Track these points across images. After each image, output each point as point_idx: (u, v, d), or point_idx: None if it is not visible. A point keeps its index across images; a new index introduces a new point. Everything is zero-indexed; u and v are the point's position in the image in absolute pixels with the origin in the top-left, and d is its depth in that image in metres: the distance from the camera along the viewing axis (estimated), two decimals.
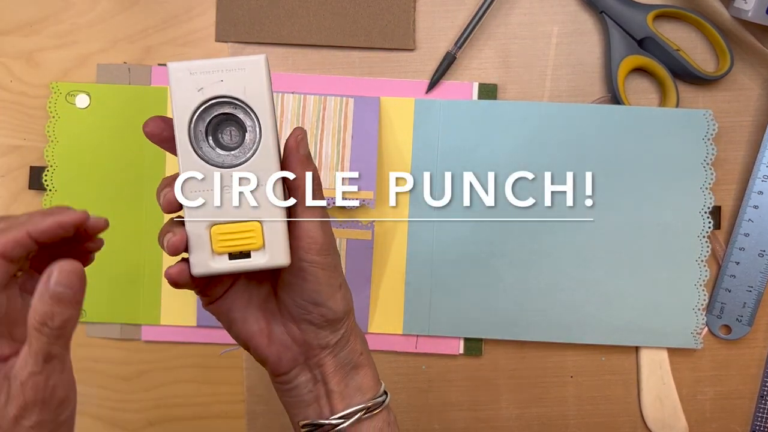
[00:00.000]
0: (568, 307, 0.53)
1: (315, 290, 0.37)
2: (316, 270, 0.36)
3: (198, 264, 0.35)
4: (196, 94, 0.35)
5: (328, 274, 0.37)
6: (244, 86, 0.35)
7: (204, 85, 0.35)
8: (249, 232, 0.35)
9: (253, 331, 0.39)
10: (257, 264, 0.35)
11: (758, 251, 0.53)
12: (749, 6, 0.50)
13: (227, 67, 0.35)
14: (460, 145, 0.53)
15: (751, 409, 0.55)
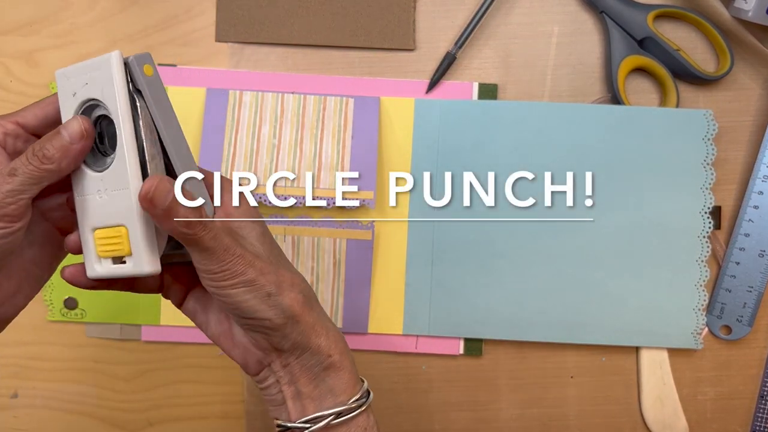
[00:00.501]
0: (568, 307, 0.53)
1: (235, 307, 0.35)
2: (228, 291, 0.35)
3: (89, 267, 0.35)
4: (72, 99, 0.34)
5: (247, 289, 0.35)
6: (101, 87, 0.33)
7: (76, 89, 0.34)
8: (116, 237, 0.34)
9: (217, 333, 0.38)
10: (127, 271, 0.34)
11: (758, 251, 0.53)
12: (749, 6, 0.50)
13: (91, 68, 0.34)
14: (460, 145, 0.53)
15: (751, 410, 0.55)
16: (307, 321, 0.37)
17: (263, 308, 0.35)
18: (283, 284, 0.36)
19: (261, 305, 0.35)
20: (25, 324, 0.54)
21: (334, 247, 0.52)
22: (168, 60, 0.54)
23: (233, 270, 0.34)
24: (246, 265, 0.35)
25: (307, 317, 0.37)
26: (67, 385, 0.54)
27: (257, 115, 0.52)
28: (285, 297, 0.36)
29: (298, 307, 0.36)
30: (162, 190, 0.32)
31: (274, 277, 0.36)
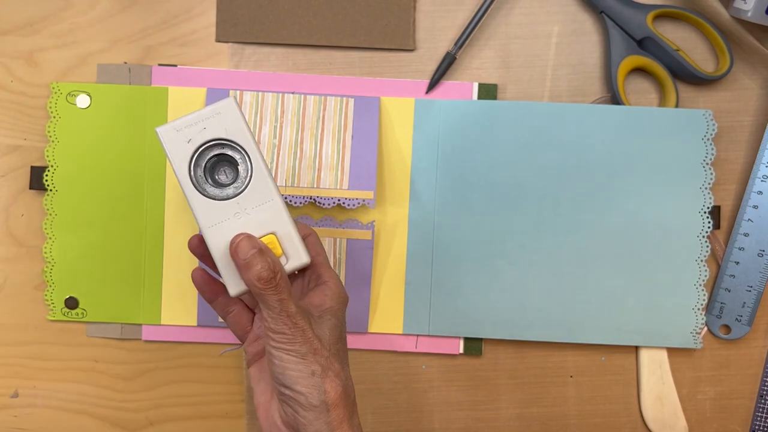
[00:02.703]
0: (568, 307, 0.53)
1: (280, 372, 0.38)
2: (281, 354, 0.38)
3: (232, 285, 0.39)
4: (186, 146, 0.39)
5: (297, 360, 0.37)
6: (225, 127, 0.39)
7: (191, 137, 0.39)
8: (269, 245, 0.39)
9: (259, 402, 0.41)
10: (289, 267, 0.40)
11: (758, 251, 0.53)
12: (749, 6, 0.50)
13: (205, 116, 0.39)
14: (460, 145, 0.53)
15: (750, 409, 0.55)
16: (338, 414, 0.38)
17: (304, 383, 0.37)
18: (329, 371, 0.38)
19: (303, 379, 0.37)
20: (26, 324, 0.54)
21: (334, 246, 0.53)
22: (168, 60, 0.54)
23: (291, 338, 0.38)
24: (304, 339, 0.38)
25: (339, 410, 0.38)
26: (68, 384, 0.55)
27: (257, 115, 0.52)
28: (327, 382, 0.38)
29: (335, 396, 0.38)
30: (245, 246, 0.38)
31: (325, 361, 0.38)
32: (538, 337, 0.53)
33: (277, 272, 0.37)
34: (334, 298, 0.42)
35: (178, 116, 0.53)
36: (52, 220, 0.53)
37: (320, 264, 0.43)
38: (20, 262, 0.54)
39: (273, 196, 0.39)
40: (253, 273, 0.37)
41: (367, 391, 0.54)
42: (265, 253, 0.38)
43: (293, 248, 0.39)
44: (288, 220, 0.39)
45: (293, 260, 0.39)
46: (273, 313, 0.37)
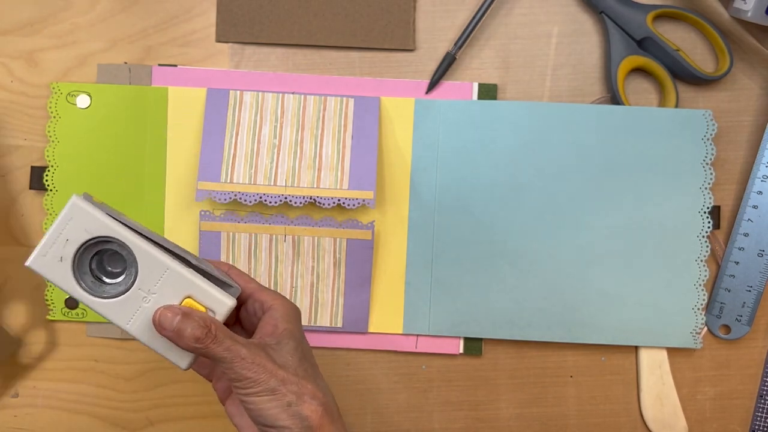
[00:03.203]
0: (568, 307, 0.53)
1: (258, 414, 0.37)
2: (252, 398, 0.37)
3: (180, 359, 0.39)
4: (62, 266, 0.38)
5: (269, 398, 0.37)
6: (84, 228, 0.38)
7: (60, 254, 0.38)
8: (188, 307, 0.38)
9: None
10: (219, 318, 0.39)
11: (757, 251, 0.53)
12: (748, 6, 0.50)
13: (61, 227, 0.38)
14: (460, 145, 0.53)
15: (750, 409, 0.55)
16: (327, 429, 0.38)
17: (283, 417, 0.37)
18: (304, 395, 0.38)
19: (281, 414, 0.37)
20: (26, 324, 0.54)
21: (334, 246, 0.53)
22: (169, 60, 0.54)
23: (254, 378, 0.37)
24: (268, 374, 0.37)
25: (325, 428, 0.38)
26: (68, 384, 0.55)
27: (258, 115, 0.52)
28: (305, 407, 0.38)
29: (317, 418, 0.38)
30: (167, 317, 0.37)
31: (296, 387, 0.38)
32: (538, 337, 0.53)
33: (210, 325, 0.37)
34: (284, 318, 0.41)
35: (175, 119, 0.53)
36: (52, 220, 0.53)
37: (255, 291, 0.42)
38: (20, 262, 0.54)
39: (167, 265, 0.38)
40: (188, 337, 0.36)
41: (367, 391, 0.54)
42: (190, 313, 0.37)
43: (212, 299, 0.38)
44: (192, 277, 0.38)
45: (219, 308, 0.39)
46: (227, 363, 0.37)
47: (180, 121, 0.53)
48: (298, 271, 0.53)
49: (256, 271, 0.53)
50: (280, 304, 0.41)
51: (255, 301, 0.42)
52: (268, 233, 0.52)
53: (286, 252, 0.53)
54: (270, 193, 0.51)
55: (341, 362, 0.54)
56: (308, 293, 0.53)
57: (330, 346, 0.54)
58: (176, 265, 0.38)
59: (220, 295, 0.39)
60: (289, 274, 0.53)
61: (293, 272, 0.53)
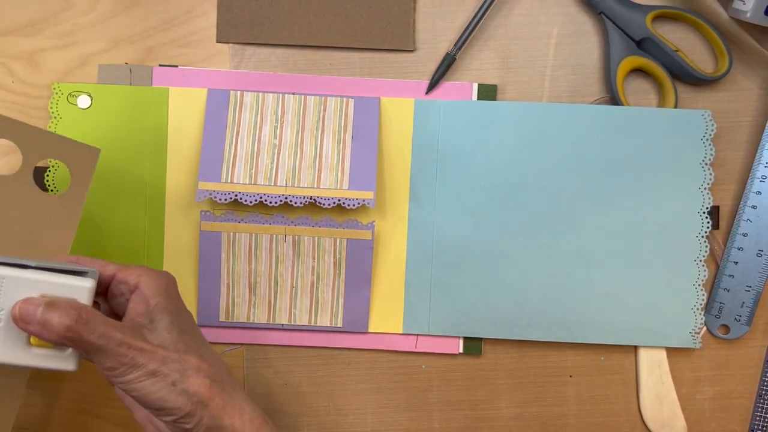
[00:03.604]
0: (567, 307, 0.53)
1: (145, 400, 0.36)
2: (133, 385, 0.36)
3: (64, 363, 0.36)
4: None
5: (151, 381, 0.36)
6: None
7: None
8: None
9: (141, 419, 0.40)
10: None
11: (756, 251, 0.53)
12: (748, 7, 0.50)
13: None
14: (459, 146, 0.53)
15: (749, 409, 0.55)
16: (217, 403, 0.37)
17: (171, 397, 0.36)
18: (188, 370, 0.37)
19: (169, 395, 0.36)
20: None
21: (334, 246, 0.53)
22: (169, 61, 0.54)
23: (133, 363, 0.35)
24: (147, 357, 0.35)
25: (216, 399, 0.37)
26: (69, 383, 0.55)
27: (258, 115, 0.53)
28: (191, 383, 0.36)
29: (205, 391, 0.37)
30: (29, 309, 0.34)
31: (178, 365, 0.36)
32: (537, 337, 0.53)
33: (80, 310, 0.34)
34: (154, 293, 0.38)
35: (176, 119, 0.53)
36: None
37: (117, 271, 0.39)
38: None
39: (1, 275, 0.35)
40: (57, 326, 0.34)
41: (367, 391, 0.54)
42: (54, 302, 0.34)
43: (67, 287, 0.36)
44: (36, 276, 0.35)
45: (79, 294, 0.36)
46: (101, 352, 0.35)
47: (181, 122, 0.53)
48: (298, 271, 0.53)
49: (257, 271, 0.53)
50: (146, 279, 0.39)
51: (119, 282, 0.39)
52: (268, 233, 0.53)
53: (286, 252, 0.53)
54: (270, 193, 0.51)
55: (341, 362, 0.54)
56: (308, 293, 0.53)
57: (330, 346, 0.54)
58: (12, 272, 0.35)
59: (75, 281, 0.36)
60: (290, 274, 0.53)
61: (293, 272, 0.53)
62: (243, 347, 0.54)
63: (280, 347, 0.54)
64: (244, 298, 0.53)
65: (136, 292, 0.39)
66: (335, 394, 0.54)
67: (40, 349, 0.36)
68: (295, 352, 0.54)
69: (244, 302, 0.53)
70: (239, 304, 0.53)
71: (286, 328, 0.53)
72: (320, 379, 0.54)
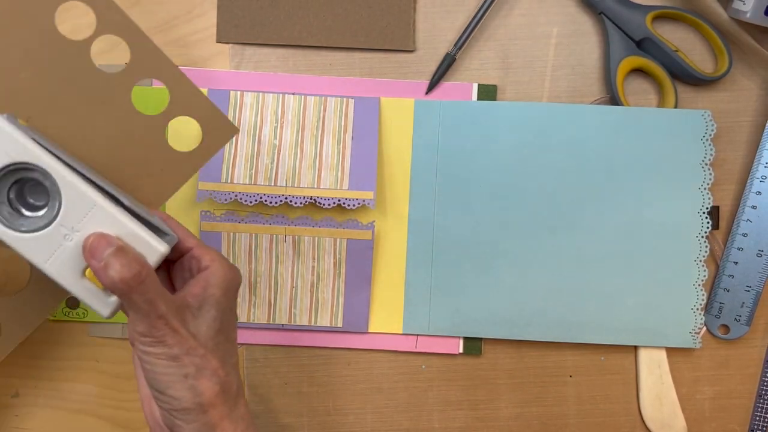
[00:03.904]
0: (567, 307, 0.53)
1: (152, 377, 0.35)
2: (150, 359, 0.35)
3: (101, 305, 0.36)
4: None
5: (168, 363, 0.35)
6: (6, 151, 0.34)
7: None
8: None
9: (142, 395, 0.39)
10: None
11: (756, 251, 0.53)
12: (747, 7, 0.50)
13: None
14: (459, 146, 0.53)
15: (749, 409, 0.55)
16: (216, 413, 0.36)
17: (177, 386, 0.35)
18: (205, 369, 0.36)
19: (176, 383, 0.35)
20: None
21: (334, 247, 0.53)
22: None
23: (162, 340, 0.35)
24: (176, 340, 0.35)
25: (218, 408, 0.36)
26: (69, 384, 0.55)
27: (258, 115, 0.53)
28: (202, 382, 0.36)
29: (211, 396, 0.36)
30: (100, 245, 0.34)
31: (200, 360, 0.36)
32: (537, 337, 0.53)
33: (142, 269, 0.34)
34: (216, 284, 0.38)
35: None
36: None
37: (196, 246, 0.39)
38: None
39: (94, 201, 0.34)
40: (114, 274, 0.33)
41: (367, 391, 0.54)
42: (125, 249, 0.34)
43: (143, 243, 0.35)
44: (122, 217, 0.35)
45: (150, 254, 0.35)
46: (140, 315, 0.34)
47: None
48: (298, 271, 0.53)
49: (257, 271, 0.53)
50: (218, 266, 0.38)
51: (193, 257, 0.39)
52: (268, 233, 0.53)
53: (286, 252, 0.53)
54: (270, 194, 0.51)
55: (341, 362, 0.54)
56: (308, 293, 0.53)
57: (330, 346, 0.54)
58: (105, 203, 0.35)
59: (153, 240, 0.35)
60: (290, 274, 0.53)
61: (293, 272, 0.53)
62: (243, 347, 0.54)
63: (280, 347, 0.54)
64: (244, 298, 0.53)
65: (203, 274, 0.38)
66: (335, 394, 0.55)
67: (90, 283, 0.35)
68: (295, 352, 0.54)
69: (244, 302, 0.53)
70: (239, 304, 0.53)
71: (286, 328, 0.53)
72: (320, 379, 0.54)
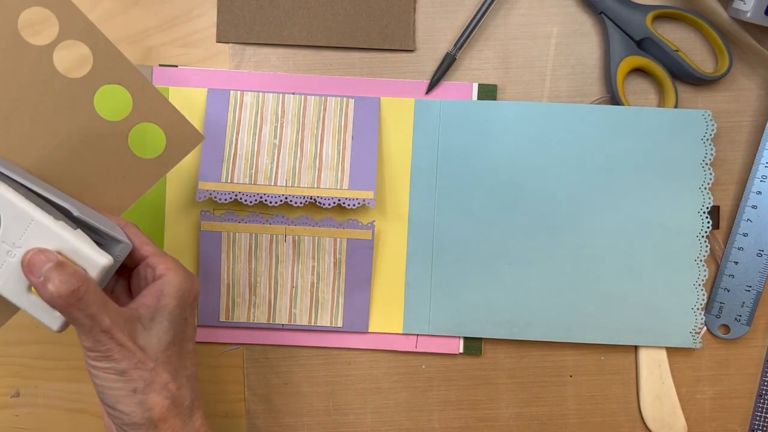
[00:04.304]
0: (567, 306, 0.53)
1: (101, 392, 0.35)
2: (98, 373, 0.35)
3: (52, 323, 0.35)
4: None
5: (116, 377, 0.35)
6: None
7: None
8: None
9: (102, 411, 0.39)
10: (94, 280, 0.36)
11: (757, 251, 0.53)
12: (748, 7, 0.50)
13: None
14: (459, 146, 0.53)
15: (749, 408, 0.55)
16: (166, 429, 0.36)
17: (125, 401, 0.35)
18: (154, 383, 0.35)
19: (124, 398, 0.35)
20: (27, 323, 0.54)
21: (334, 246, 0.53)
22: (169, 61, 0.54)
23: (107, 355, 0.34)
24: (123, 354, 0.35)
25: (169, 423, 0.36)
26: (69, 384, 0.55)
27: (258, 115, 0.53)
28: (151, 397, 0.35)
29: (161, 411, 0.35)
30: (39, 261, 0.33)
31: (149, 374, 0.35)
32: (537, 337, 0.53)
33: (81, 284, 0.33)
34: (170, 294, 0.37)
35: None
36: None
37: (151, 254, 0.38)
38: None
39: (32, 216, 0.34)
40: (53, 289, 0.32)
41: (367, 391, 0.54)
42: (63, 264, 0.33)
43: (83, 256, 0.34)
44: (60, 230, 0.34)
45: (91, 268, 0.34)
46: (84, 330, 0.34)
47: None
48: (298, 271, 0.53)
49: (257, 271, 0.53)
50: (173, 275, 0.38)
51: (148, 266, 0.38)
52: (268, 233, 0.53)
53: (286, 252, 0.53)
54: (270, 193, 0.51)
55: (341, 362, 0.54)
56: (308, 293, 0.53)
57: (330, 346, 0.54)
58: (43, 217, 0.34)
59: (94, 253, 0.34)
60: (290, 274, 0.53)
61: (293, 272, 0.53)
62: (243, 347, 0.54)
63: (280, 347, 0.54)
64: (244, 298, 0.53)
65: (156, 283, 0.37)
66: (335, 394, 0.55)
67: (36, 298, 0.35)
68: (295, 352, 0.54)
69: (244, 302, 0.53)
70: (239, 304, 0.53)
71: (286, 328, 0.53)
72: (320, 379, 0.54)
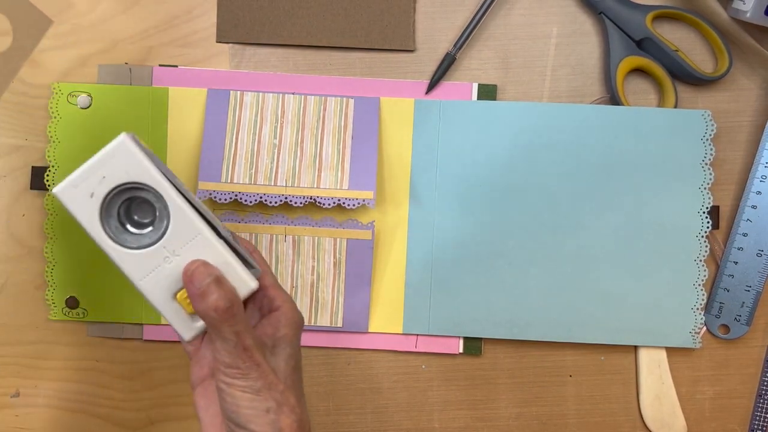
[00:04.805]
0: (567, 306, 0.53)
1: (233, 410, 0.36)
2: (233, 391, 0.36)
3: (185, 329, 0.37)
4: (90, 202, 0.36)
5: (251, 396, 0.35)
6: (125, 170, 0.36)
7: (92, 190, 0.36)
8: None
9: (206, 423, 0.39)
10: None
11: (756, 251, 0.53)
12: (747, 7, 0.50)
13: (102, 163, 0.35)
14: (459, 146, 0.53)
15: (749, 408, 0.55)
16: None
17: (258, 421, 0.36)
18: (284, 406, 0.36)
19: (258, 417, 0.36)
20: (27, 323, 0.55)
21: (334, 246, 0.53)
22: (169, 61, 0.54)
23: (246, 373, 0.35)
24: (259, 374, 0.36)
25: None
26: (69, 384, 0.55)
27: (258, 115, 0.53)
28: (282, 418, 0.36)
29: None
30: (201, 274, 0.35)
31: (280, 396, 0.36)
32: (537, 337, 0.53)
33: (234, 302, 0.35)
34: (288, 324, 0.39)
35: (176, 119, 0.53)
36: (53, 220, 0.53)
37: (270, 286, 0.40)
38: (21, 263, 0.55)
39: (199, 230, 0.36)
40: (210, 303, 0.34)
41: (367, 391, 0.54)
42: (222, 281, 0.35)
43: (236, 277, 0.36)
44: (222, 249, 0.36)
45: (241, 289, 0.37)
46: (228, 346, 0.35)
47: (180, 122, 0.53)
48: (298, 271, 0.53)
49: None
50: (289, 308, 0.40)
51: (266, 296, 0.40)
52: (268, 233, 0.53)
53: (286, 252, 0.53)
54: (270, 193, 0.51)
55: (341, 362, 0.54)
56: (308, 293, 0.53)
57: (330, 346, 0.54)
58: (209, 233, 0.36)
59: (245, 274, 0.37)
60: (290, 274, 0.53)
61: (293, 272, 0.53)
62: None
63: None
64: None
65: (275, 314, 0.39)
66: (335, 394, 0.55)
67: (179, 306, 0.36)
68: None
69: None
70: None
71: None
72: (320, 379, 0.54)
